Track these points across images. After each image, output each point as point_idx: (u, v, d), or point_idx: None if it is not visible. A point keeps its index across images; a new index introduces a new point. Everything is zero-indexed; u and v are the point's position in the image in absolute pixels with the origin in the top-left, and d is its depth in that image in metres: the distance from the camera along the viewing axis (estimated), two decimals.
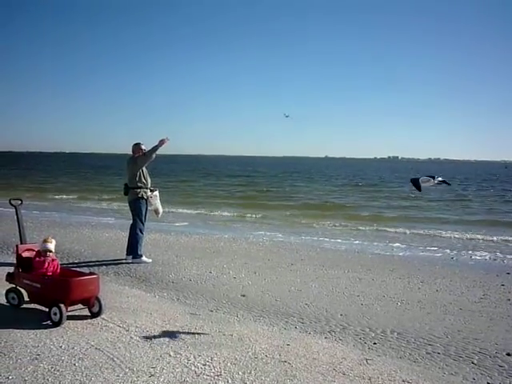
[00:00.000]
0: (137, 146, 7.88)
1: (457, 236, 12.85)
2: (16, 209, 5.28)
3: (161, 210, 8.11)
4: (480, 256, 9.88)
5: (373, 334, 4.83)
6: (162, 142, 7.65)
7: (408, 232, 13.44)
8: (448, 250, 10.42)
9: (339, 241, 11.49)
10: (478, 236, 12.78)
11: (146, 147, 7.85)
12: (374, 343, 4.59)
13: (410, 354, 4.35)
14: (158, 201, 8.01)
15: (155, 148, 7.68)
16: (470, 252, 10.28)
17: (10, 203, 5.38)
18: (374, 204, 23.30)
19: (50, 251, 4.84)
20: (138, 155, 7.80)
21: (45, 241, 4.92)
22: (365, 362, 3.99)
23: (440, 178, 5.75)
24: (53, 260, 4.86)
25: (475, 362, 4.23)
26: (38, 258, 4.81)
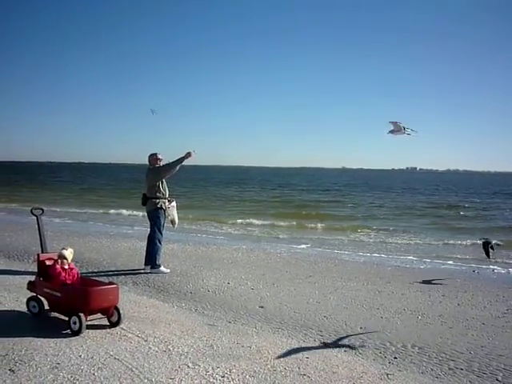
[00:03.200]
0: (153, 157, 7.89)
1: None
2: (37, 218, 5.35)
3: (177, 220, 8.15)
4: (503, 269, 9.67)
5: (393, 348, 4.73)
6: (188, 155, 7.68)
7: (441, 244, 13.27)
8: (470, 263, 10.24)
9: (358, 253, 11.37)
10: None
11: (162, 156, 7.91)
12: (395, 357, 4.50)
13: (431, 370, 4.25)
14: (175, 211, 8.06)
15: (181, 160, 7.70)
16: (492, 266, 10.06)
17: (32, 212, 5.45)
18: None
19: (64, 257, 4.89)
20: (159, 165, 7.84)
21: (63, 248, 4.99)
22: (385, 376, 3.92)
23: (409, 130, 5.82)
24: (71, 269, 4.91)
25: (499, 378, 4.11)
26: (50, 264, 4.88)
